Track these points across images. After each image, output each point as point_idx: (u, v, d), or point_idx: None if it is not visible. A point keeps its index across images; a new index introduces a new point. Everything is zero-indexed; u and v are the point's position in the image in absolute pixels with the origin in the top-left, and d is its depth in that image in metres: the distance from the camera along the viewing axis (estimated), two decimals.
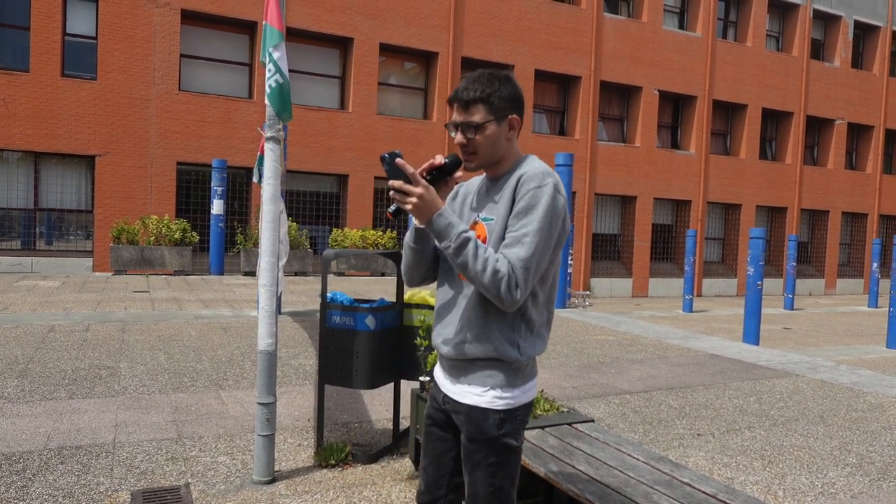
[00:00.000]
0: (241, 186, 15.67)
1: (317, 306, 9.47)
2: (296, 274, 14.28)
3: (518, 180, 1.79)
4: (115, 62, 14.21)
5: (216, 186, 13.79)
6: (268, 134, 3.52)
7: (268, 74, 3.49)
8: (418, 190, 1.69)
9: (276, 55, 3.46)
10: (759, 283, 10.88)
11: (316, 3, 15.81)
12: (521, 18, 18.26)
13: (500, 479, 1.85)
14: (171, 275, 13.19)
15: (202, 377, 5.48)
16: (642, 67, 20.15)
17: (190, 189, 15.32)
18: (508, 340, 1.80)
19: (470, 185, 2.02)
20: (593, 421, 3.43)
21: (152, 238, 13.37)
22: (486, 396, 1.82)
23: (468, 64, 17.85)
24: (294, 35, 15.21)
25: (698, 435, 4.54)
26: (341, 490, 3.38)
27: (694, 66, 20.99)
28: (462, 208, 1.98)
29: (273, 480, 3.46)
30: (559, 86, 19.68)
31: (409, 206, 1.70)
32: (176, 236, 13.40)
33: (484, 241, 1.81)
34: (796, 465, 4.03)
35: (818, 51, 24.14)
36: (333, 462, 3.67)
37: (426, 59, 17.69)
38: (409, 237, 1.91)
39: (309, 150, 15.73)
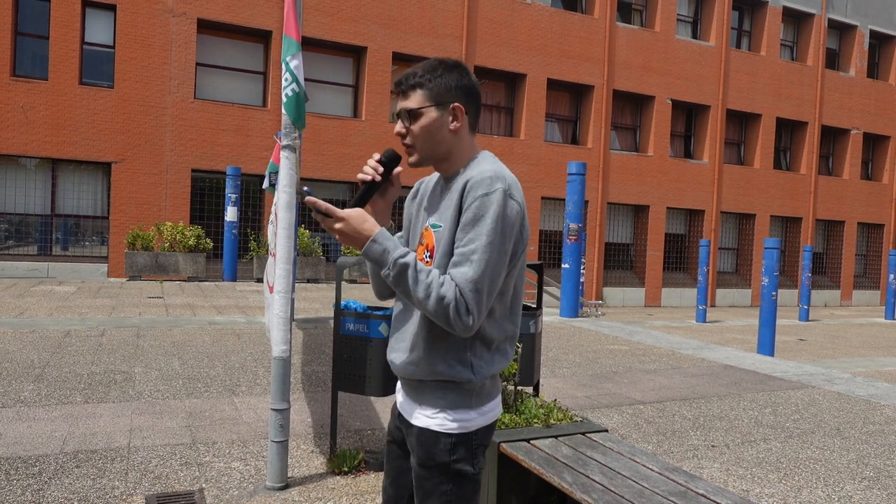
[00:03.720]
0: (254, 194, 15.78)
1: (329, 313, 9.50)
2: (308, 281, 14.34)
3: (465, 186, 1.60)
4: (132, 70, 14.39)
5: (230, 193, 13.91)
6: (284, 142, 3.54)
7: (284, 84, 3.52)
8: (338, 225, 1.56)
9: (293, 64, 3.49)
10: (773, 293, 10.79)
11: (330, 12, 15.94)
12: (534, 28, 18.31)
13: None
14: (185, 281, 13.29)
15: (216, 383, 5.51)
16: (655, 76, 20.13)
17: (204, 196, 15.45)
18: (459, 360, 1.63)
19: (429, 182, 1.83)
20: (607, 431, 3.41)
21: (167, 244, 13.49)
22: (437, 419, 1.66)
23: (481, 73, 17.91)
24: (308, 44, 15.33)
25: (713, 446, 4.51)
26: (354, 497, 3.39)
27: (707, 76, 20.93)
28: (419, 209, 1.80)
29: (286, 487, 3.46)
30: (572, 95, 19.69)
31: (336, 239, 1.59)
32: (190, 243, 13.50)
33: (432, 250, 1.66)
34: (812, 477, 3.99)
35: (833, 60, 23.99)
36: (346, 469, 3.68)
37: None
38: None
39: (322, 157, 15.83)
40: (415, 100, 1.65)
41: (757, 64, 21.82)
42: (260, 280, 13.90)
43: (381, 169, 1.69)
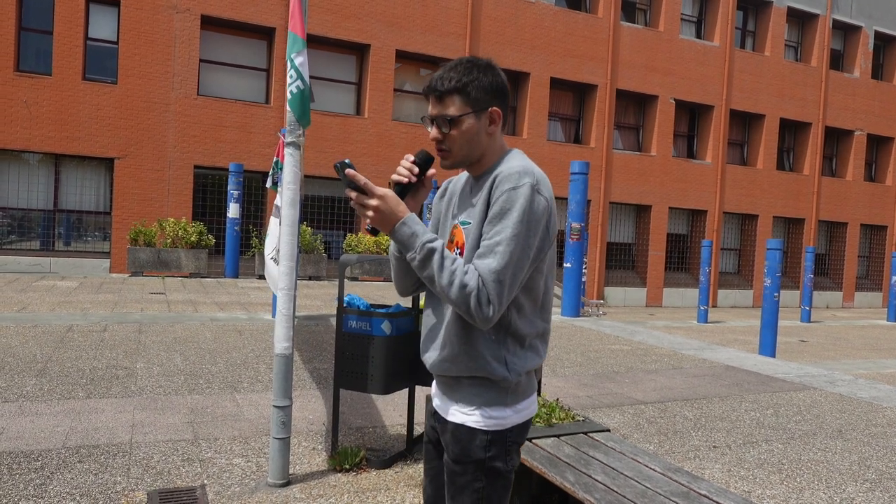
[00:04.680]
0: (256, 190, 15.78)
1: (331, 311, 9.50)
2: (310, 278, 14.34)
3: (493, 180, 1.63)
4: (136, 66, 14.39)
5: (232, 190, 13.91)
6: (288, 139, 3.54)
7: (289, 80, 3.51)
8: (373, 202, 1.57)
9: (298, 61, 3.48)
10: (775, 294, 10.77)
11: (334, 9, 15.93)
12: (538, 26, 18.29)
13: None
14: (187, 277, 13.30)
15: (217, 379, 5.51)
16: (658, 76, 20.09)
17: (206, 192, 15.45)
18: (494, 357, 1.65)
19: (457, 181, 1.85)
20: (609, 430, 3.41)
21: (169, 240, 13.49)
22: (474, 416, 1.67)
23: None
24: (312, 41, 15.32)
25: (714, 447, 4.50)
26: (355, 494, 3.39)
27: (711, 76, 20.89)
28: (447, 208, 1.83)
29: (287, 483, 3.47)
30: (575, 94, 19.66)
31: (368, 218, 1.59)
32: (192, 239, 13.51)
33: (462, 247, 1.68)
34: (814, 479, 3.98)
35: (838, 61, 23.94)
36: (348, 466, 3.68)
37: (442, 66, 17.73)
38: (392, 246, 1.76)
39: (324, 155, 15.83)
40: (454, 106, 1.66)
41: (761, 64, 21.78)
42: (261, 277, 13.91)
43: (415, 170, 1.69)
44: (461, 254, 1.67)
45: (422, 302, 3.92)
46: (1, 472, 3.41)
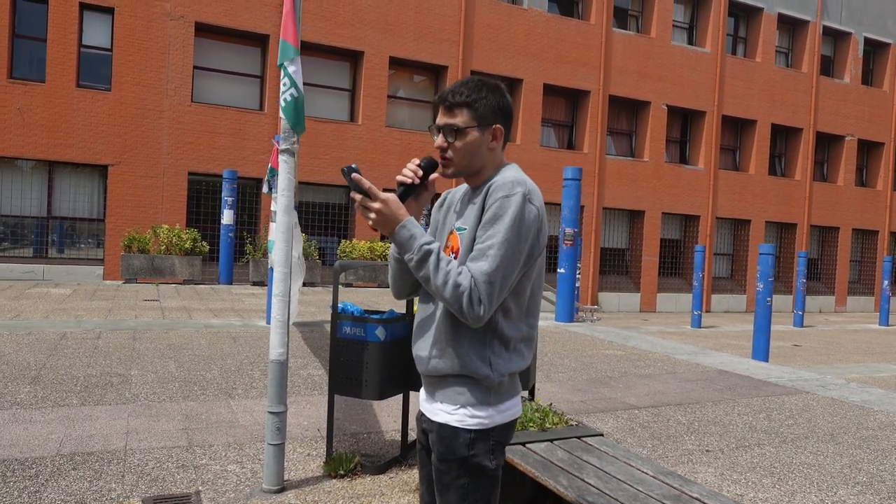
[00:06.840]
0: (251, 197, 15.78)
1: (325, 317, 9.50)
2: (304, 284, 14.32)
3: (488, 189, 1.73)
4: (130, 73, 14.39)
5: (226, 197, 13.91)
6: (282, 146, 3.56)
7: (283, 88, 3.54)
8: (376, 205, 1.65)
9: (291, 69, 3.51)
10: (768, 299, 10.83)
11: (327, 16, 15.99)
12: (531, 33, 18.39)
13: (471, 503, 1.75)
14: (181, 284, 13.27)
15: (212, 386, 5.51)
16: (651, 82, 20.22)
17: (201, 199, 15.44)
18: (479, 356, 1.72)
19: (456, 192, 1.95)
20: (602, 435, 3.44)
21: (163, 247, 13.47)
22: (457, 414, 1.74)
23: None
24: (305, 48, 15.36)
25: (707, 451, 4.53)
26: (350, 500, 3.40)
27: (703, 82, 21.03)
28: (446, 216, 1.92)
29: (282, 489, 3.47)
30: (568, 100, 19.76)
31: (370, 221, 1.68)
32: (186, 246, 13.49)
33: (457, 252, 1.76)
34: (806, 482, 4.02)
35: (828, 67, 24.14)
36: (342, 472, 3.69)
37: (435, 73, 17.82)
38: (392, 249, 1.85)
39: (318, 161, 15.85)
40: (461, 118, 1.76)
41: (752, 70, 21.94)
42: (256, 283, 13.89)
43: (420, 173, 1.77)
44: (456, 258, 1.75)
45: (415, 307, 3.94)
46: None
